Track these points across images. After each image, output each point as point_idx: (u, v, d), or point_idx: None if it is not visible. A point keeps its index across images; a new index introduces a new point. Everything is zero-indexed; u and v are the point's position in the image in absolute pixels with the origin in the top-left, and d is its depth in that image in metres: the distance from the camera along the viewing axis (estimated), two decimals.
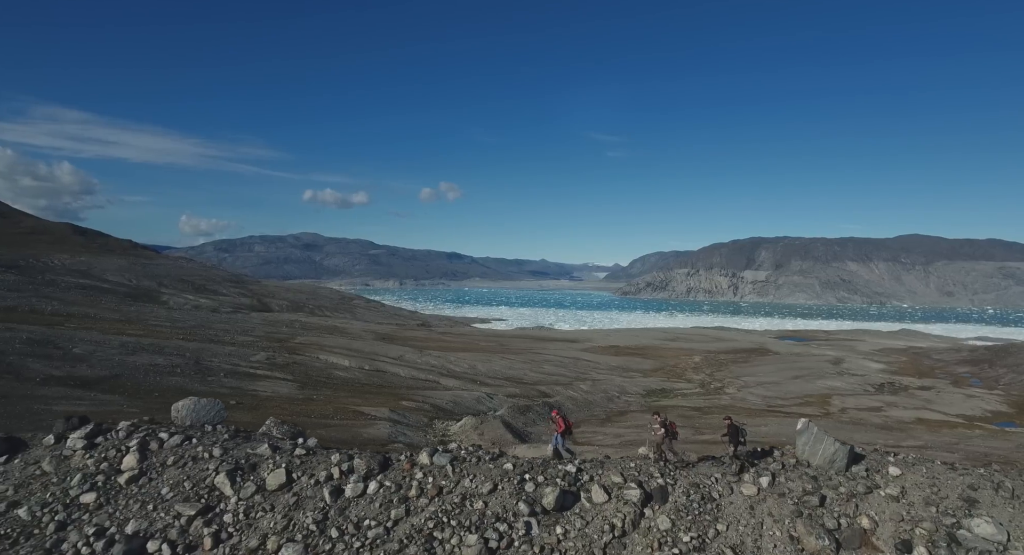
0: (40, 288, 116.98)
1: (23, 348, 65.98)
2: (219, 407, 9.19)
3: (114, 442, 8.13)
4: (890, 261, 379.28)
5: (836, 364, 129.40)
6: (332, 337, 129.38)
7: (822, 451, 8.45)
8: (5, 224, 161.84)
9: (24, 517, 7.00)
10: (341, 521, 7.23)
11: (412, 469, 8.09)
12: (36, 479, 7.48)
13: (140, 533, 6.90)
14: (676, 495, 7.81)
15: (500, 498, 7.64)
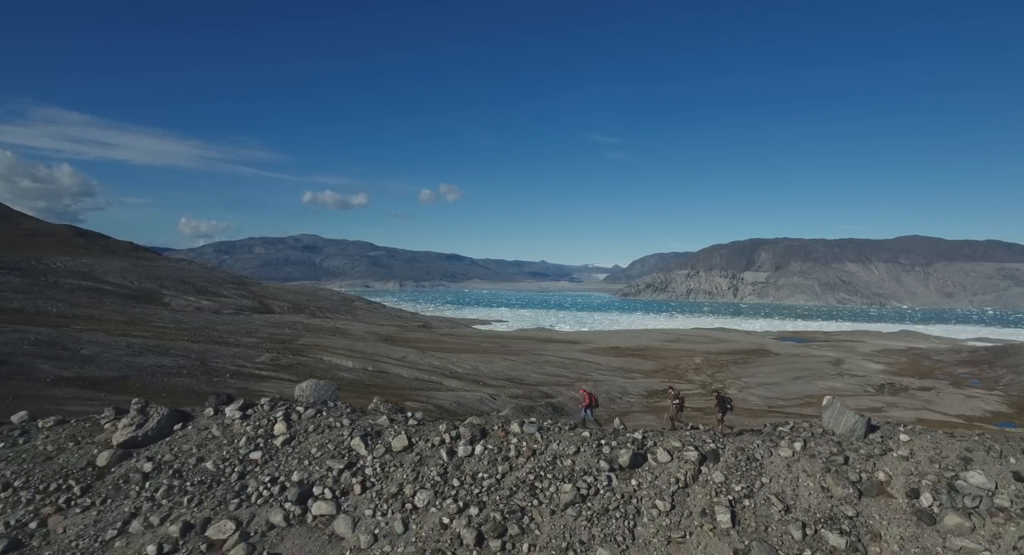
0: (44, 290, 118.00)
1: (32, 349, 67.42)
2: (333, 388, 10.91)
3: (262, 413, 9.85)
4: (890, 262, 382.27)
5: (836, 365, 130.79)
6: (335, 338, 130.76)
7: (844, 422, 10.28)
8: (6, 226, 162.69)
9: (211, 469, 8.71)
10: (459, 474, 8.96)
11: (507, 436, 9.85)
12: (211, 441, 9.19)
13: (303, 481, 8.62)
14: (726, 456, 9.59)
15: (583, 457, 9.40)
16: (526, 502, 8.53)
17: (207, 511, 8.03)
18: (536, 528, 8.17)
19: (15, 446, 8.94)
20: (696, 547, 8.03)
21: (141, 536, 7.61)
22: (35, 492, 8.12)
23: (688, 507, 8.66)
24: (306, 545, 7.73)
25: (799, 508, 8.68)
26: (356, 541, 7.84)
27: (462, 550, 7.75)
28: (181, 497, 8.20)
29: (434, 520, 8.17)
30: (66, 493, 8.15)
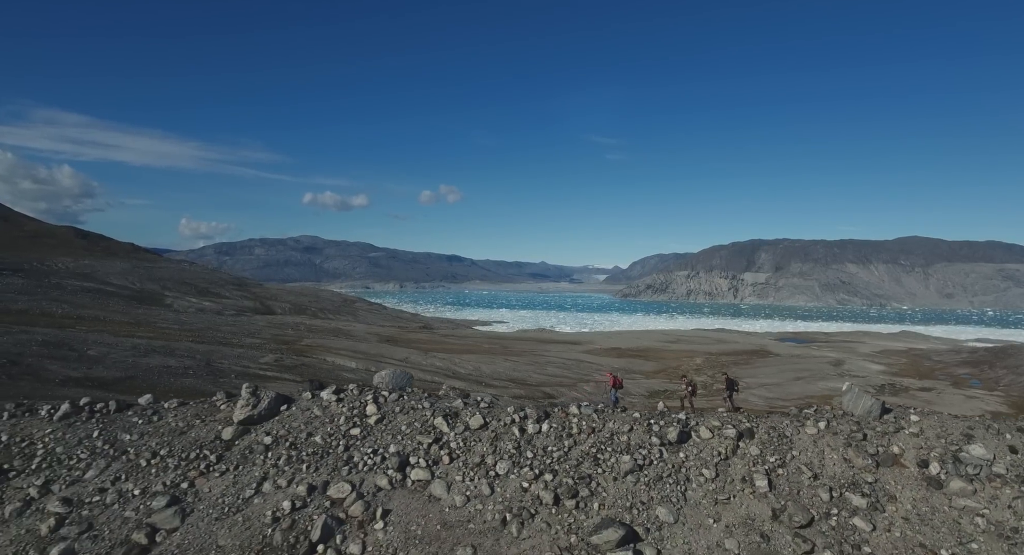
0: (48, 291, 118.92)
1: (40, 350, 68.72)
2: (408, 376, 12.37)
3: (353, 397, 11.29)
4: (890, 263, 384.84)
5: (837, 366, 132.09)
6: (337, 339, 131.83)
7: (862, 404, 11.78)
8: (8, 228, 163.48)
9: (320, 442, 10.15)
10: (531, 447, 10.42)
11: (567, 416, 11.32)
12: (315, 420, 10.63)
13: (399, 452, 10.06)
14: (760, 433, 11.07)
15: (637, 434, 10.87)
16: (592, 470, 10.03)
17: (324, 475, 9.50)
18: (603, 491, 9.66)
19: (151, 423, 10.40)
20: (740, 507, 9.52)
21: (274, 495, 9.08)
22: (179, 459, 9.58)
23: (730, 475, 10.16)
24: (410, 504, 9.20)
25: (825, 475, 10.19)
26: (452, 501, 9.32)
27: (543, 508, 9.24)
28: (299, 465, 9.68)
29: (515, 484, 9.66)
30: (204, 460, 9.61)
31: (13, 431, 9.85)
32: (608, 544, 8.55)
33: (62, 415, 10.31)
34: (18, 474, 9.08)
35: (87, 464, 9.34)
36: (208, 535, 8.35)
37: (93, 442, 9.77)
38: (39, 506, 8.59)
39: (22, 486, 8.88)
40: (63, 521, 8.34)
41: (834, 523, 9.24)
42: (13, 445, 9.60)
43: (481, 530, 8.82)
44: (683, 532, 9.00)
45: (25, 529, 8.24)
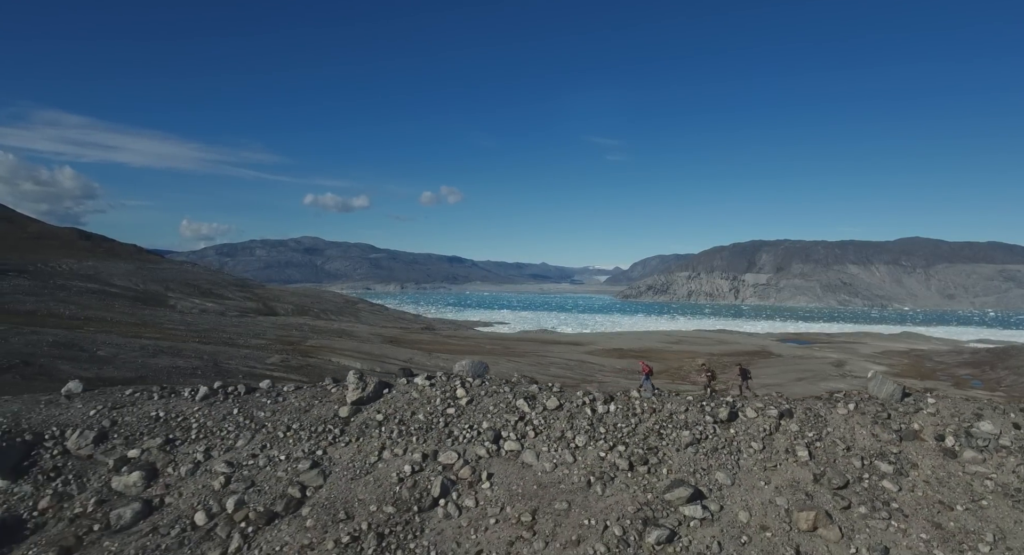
0: (55, 292, 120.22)
1: (51, 350, 70.31)
2: (484, 365, 14.13)
3: (443, 382, 13.04)
4: (891, 264, 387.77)
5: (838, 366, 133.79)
6: (341, 340, 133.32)
7: (885, 389, 13.57)
8: (12, 229, 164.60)
9: (423, 419, 11.89)
10: (603, 424, 12.17)
11: (629, 399, 13.09)
12: (414, 401, 12.36)
13: (492, 427, 11.80)
14: (798, 413, 12.83)
15: (692, 413, 12.63)
16: (657, 443, 11.81)
17: (432, 446, 11.27)
18: (669, 459, 11.45)
19: (277, 402, 12.15)
20: (785, 472, 11.32)
21: (394, 461, 10.85)
22: (310, 432, 11.34)
23: (775, 447, 11.95)
24: (508, 469, 10.97)
25: (856, 447, 11.99)
26: (542, 467, 11.09)
27: (620, 473, 11.02)
28: (409, 437, 11.44)
29: (594, 454, 11.44)
30: (330, 433, 11.38)
31: (167, 409, 11.59)
32: (680, 500, 10.33)
33: (202, 396, 12.04)
34: (183, 443, 10.83)
35: (236, 435, 11.09)
36: (348, 491, 10.11)
37: (235, 418, 11.52)
38: (207, 467, 10.34)
39: (189, 452, 10.62)
40: (230, 479, 10.09)
41: (866, 485, 11.03)
42: (170, 420, 11.33)
43: (570, 489, 10.60)
44: (740, 492, 10.79)
45: (201, 485, 9.99)
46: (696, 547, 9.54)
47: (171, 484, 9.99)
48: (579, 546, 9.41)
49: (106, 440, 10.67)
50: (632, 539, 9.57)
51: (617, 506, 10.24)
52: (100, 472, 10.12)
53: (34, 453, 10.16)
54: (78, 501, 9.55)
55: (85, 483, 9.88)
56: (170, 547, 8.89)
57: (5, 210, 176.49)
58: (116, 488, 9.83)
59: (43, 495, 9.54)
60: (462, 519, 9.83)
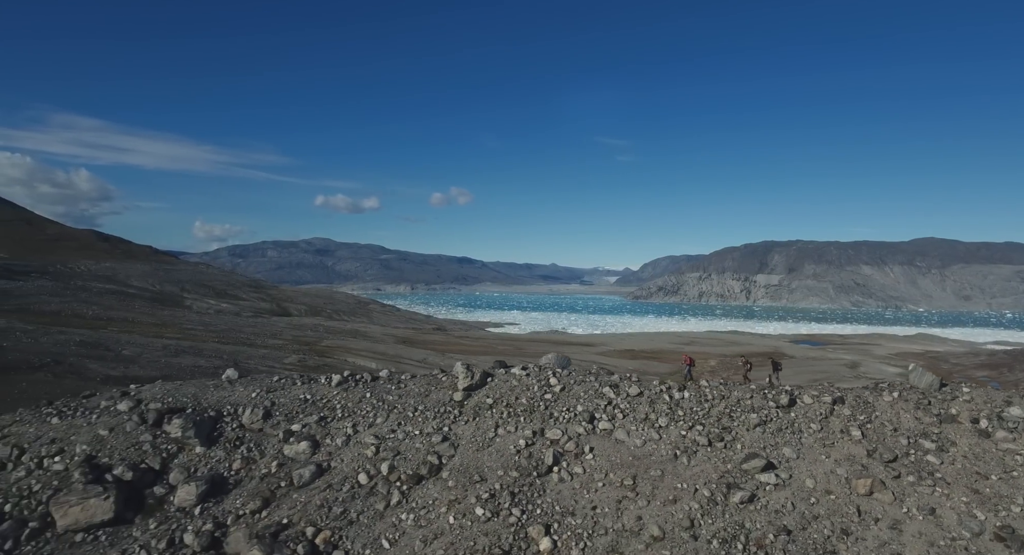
0: (76, 293, 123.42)
1: (79, 350, 73.15)
2: (567, 359, 16.20)
3: (537, 372, 15.09)
4: (905, 265, 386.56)
5: (853, 368, 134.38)
6: (355, 340, 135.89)
7: (925, 380, 15.50)
8: (32, 231, 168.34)
9: (525, 403, 13.95)
10: (680, 408, 14.17)
11: (700, 388, 15.09)
12: (516, 388, 14.43)
13: (586, 410, 13.84)
14: (849, 400, 14.78)
15: (756, 399, 14.61)
16: (729, 424, 13.84)
17: (538, 424, 13.35)
18: (741, 437, 13.47)
19: (400, 388, 14.28)
20: (842, 448, 13.30)
21: (508, 436, 12.94)
22: (434, 413, 13.46)
23: (831, 427, 13.94)
24: (605, 444, 13.03)
25: (902, 429, 13.94)
26: (633, 442, 13.14)
27: (701, 448, 13.05)
28: (517, 418, 13.53)
29: (676, 432, 13.47)
30: (450, 414, 13.49)
31: (312, 393, 13.74)
32: (755, 469, 12.35)
33: (337, 382, 14.18)
34: (333, 420, 12.97)
35: (374, 414, 13.21)
36: (477, 459, 12.21)
37: (369, 400, 13.64)
38: (358, 439, 12.47)
39: (340, 427, 12.76)
40: (379, 449, 12.21)
41: (913, 459, 13.00)
42: (317, 401, 13.48)
43: (660, 460, 12.64)
44: (804, 464, 12.79)
45: (356, 453, 12.12)
46: (773, 506, 11.56)
47: (332, 452, 12.14)
48: (676, 504, 11.46)
49: (271, 417, 12.83)
50: (719, 499, 11.61)
51: (703, 473, 12.28)
52: (272, 442, 12.28)
53: (219, 426, 12.33)
54: (262, 464, 11.71)
55: (264, 450, 12.04)
56: (345, 499, 11.02)
57: (25, 212, 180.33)
58: (288, 454, 11.98)
59: (234, 459, 11.70)
60: (575, 482, 11.91)
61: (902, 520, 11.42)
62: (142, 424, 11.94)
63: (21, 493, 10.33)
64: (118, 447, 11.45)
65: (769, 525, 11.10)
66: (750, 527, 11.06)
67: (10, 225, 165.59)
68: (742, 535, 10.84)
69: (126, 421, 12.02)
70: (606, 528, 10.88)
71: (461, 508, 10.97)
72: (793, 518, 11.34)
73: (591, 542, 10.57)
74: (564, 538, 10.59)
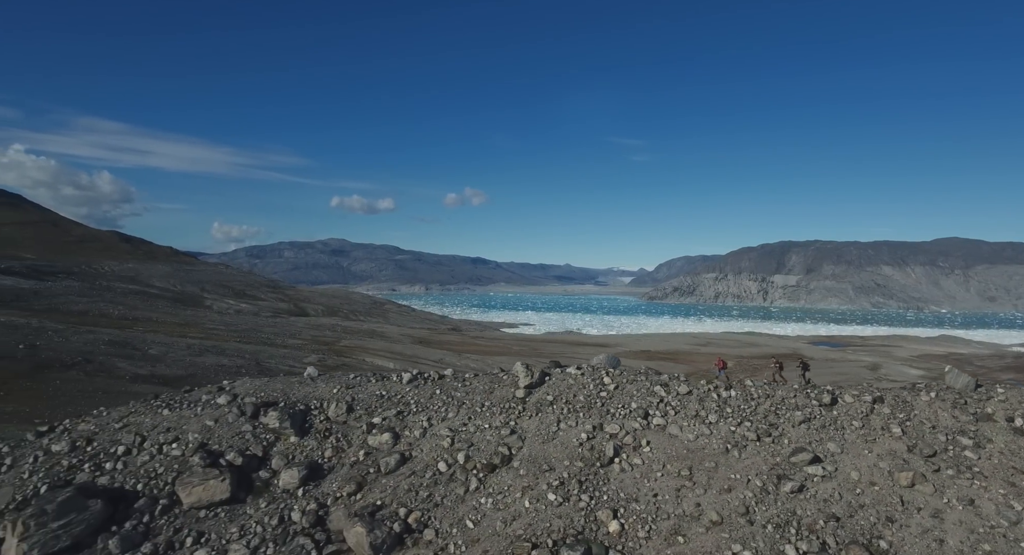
0: (102, 293, 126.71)
1: (107, 349, 75.46)
2: (617, 359, 17.30)
3: (590, 371, 16.23)
4: (927, 265, 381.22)
5: (873, 370, 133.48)
6: (373, 340, 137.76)
7: (961, 380, 16.36)
8: (58, 233, 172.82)
9: (583, 400, 15.07)
10: (728, 406, 15.20)
11: (745, 387, 16.10)
12: (572, 386, 15.55)
13: (640, 407, 14.94)
14: (888, 399, 15.68)
15: (800, 398, 15.58)
16: (775, 420, 14.84)
17: (596, 420, 14.47)
18: (787, 433, 14.47)
19: (466, 386, 15.51)
20: (884, 444, 14.23)
21: (570, 430, 14.07)
22: (499, 408, 14.65)
23: (872, 425, 14.87)
24: (660, 438, 14.11)
25: (940, 426, 14.84)
26: (686, 437, 14.20)
27: (750, 442, 14.08)
28: (576, 413, 14.67)
29: (725, 428, 14.50)
30: (514, 409, 14.67)
31: (386, 389, 15.01)
32: (803, 462, 13.35)
33: (408, 380, 15.44)
34: (409, 414, 14.22)
35: (445, 409, 14.44)
36: (543, 451, 13.37)
37: (439, 397, 14.87)
38: (433, 431, 13.70)
39: (416, 420, 14.01)
40: (454, 440, 13.43)
41: (951, 454, 13.91)
42: (391, 397, 14.75)
43: (713, 453, 13.70)
44: (848, 458, 13.76)
45: (433, 444, 13.34)
46: (821, 495, 12.57)
47: (412, 443, 13.38)
48: (731, 493, 12.51)
49: (353, 411, 14.10)
50: (771, 489, 12.65)
51: (753, 466, 13.31)
52: (356, 433, 13.55)
53: (308, 418, 13.63)
54: (350, 452, 12.98)
55: (350, 440, 13.31)
56: (428, 485, 12.24)
57: (51, 214, 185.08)
58: (372, 444, 13.23)
59: (325, 447, 12.98)
60: (635, 472, 13.01)
61: (943, 509, 12.36)
62: (241, 416, 13.26)
63: (148, 474, 11.68)
64: (224, 436, 12.78)
65: (819, 512, 12.12)
66: (801, 514, 12.08)
67: (37, 227, 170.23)
68: (794, 521, 11.88)
69: (227, 413, 13.36)
70: (668, 513, 11.97)
71: (534, 493, 12.13)
72: (841, 506, 12.35)
73: (655, 525, 11.68)
74: (630, 521, 11.70)
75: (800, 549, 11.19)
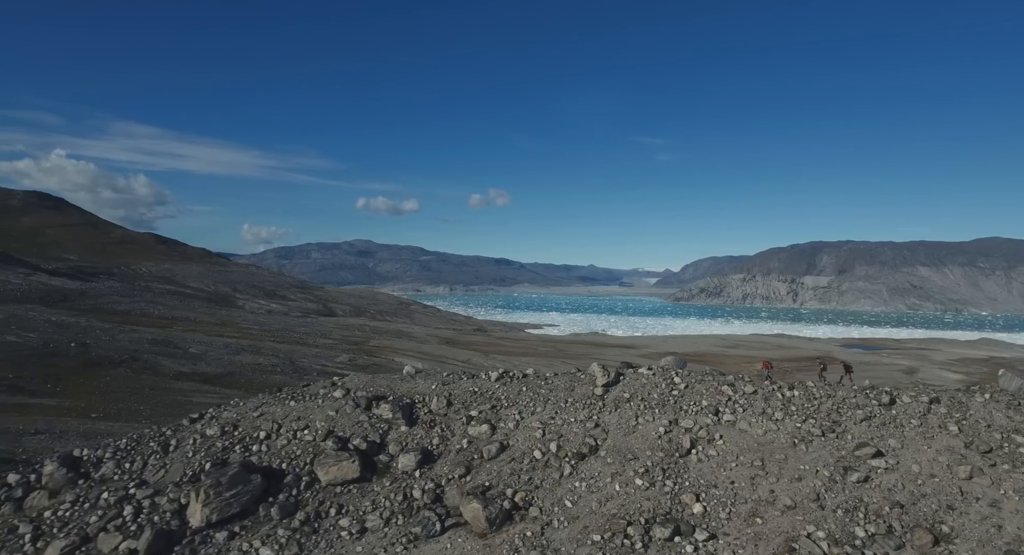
0: (142, 293, 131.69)
1: (151, 348, 78.84)
2: (683, 361, 18.78)
3: (660, 371, 17.77)
4: (967, 266, 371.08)
5: (910, 374, 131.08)
6: (400, 341, 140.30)
7: (1014, 383, 17.43)
8: (98, 235, 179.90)
9: (656, 398, 16.59)
10: (792, 404, 16.54)
11: (807, 388, 17.46)
12: (646, 385, 17.10)
13: (710, 404, 16.40)
14: (944, 400, 16.84)
15: (860, 398, 16.84)
16: (838, 418, 16.16)
17: (670, 416, 15.99)
18: (850, 430, 15.78)
19: (548, 384, 17.19)
20: (941, 440, 15.44)
21: (648, 424, 15.62)
22: (582, 404, 16.29)
23: (930, 423, 16.07)
24: (730, 432, 15.56)
25: (995, 425, 15.96)
26: (755, 432, 15.62)
27: (816, 437, 15.43)
28: (652, 410, 16.20)
29: (791, 425, 15.88)
30: (595, 405, 16.29)
31: (477, 386, 16.78)
32: (867, 455, 14.68)
33: (496, 378, 17.20)
34: (501, 408, 15.97)
35: (533, 404, 16.14)
36: (626, 442, 14.96)
37: (526, 393, 16.59)
38: (526, 424, 15.41)
39: (509, 414, 15.74)
40: (545, 431, 15.11)
41: (1007, 450, 15.05)
42: (483, 393, 16.52)
43: (782, 447, 15.11)
44: (909, 452, 15.03)
45: (527, 435, 15.05)
46: (886, 485, 13.90)
47: (507, 433, 15.10)
48: (801, 481, 13.93)
49: (452, 404, 15.90)
50: (838, 478, 14.02)
51: (820, 458, 14.69)
52: (457, 424, 15.34)
53: (415, 410, 15.45)
54: (454, 441, 14.76)
55: (453, 430, 15.10)
56: (527, 470, 13.94)
57: (91, 216, 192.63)
58: (472, 435, 14.98)
59: (432, 436, 14.79)
60: (711, 462, 14.51)
61: (1000, 500, 13.57)
62: (357, 408, 15.14)
63: (289, 456, 13.61)
64: (345, 424, 14.68)
65: (884, 500, 13.46)
66: (867, 501, 13.44)
67: (79, 229, 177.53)
68: (862, 507, 13.24)
69: (344, 405, 15.26)
70: (745, 498, 13.45)
71: (623, 479, 13.72)
72: (904, 495, 13.66)
73: (734, 508, 13.17)
74: (712, 504, 13.21)
75: (868, 531, 12.57)
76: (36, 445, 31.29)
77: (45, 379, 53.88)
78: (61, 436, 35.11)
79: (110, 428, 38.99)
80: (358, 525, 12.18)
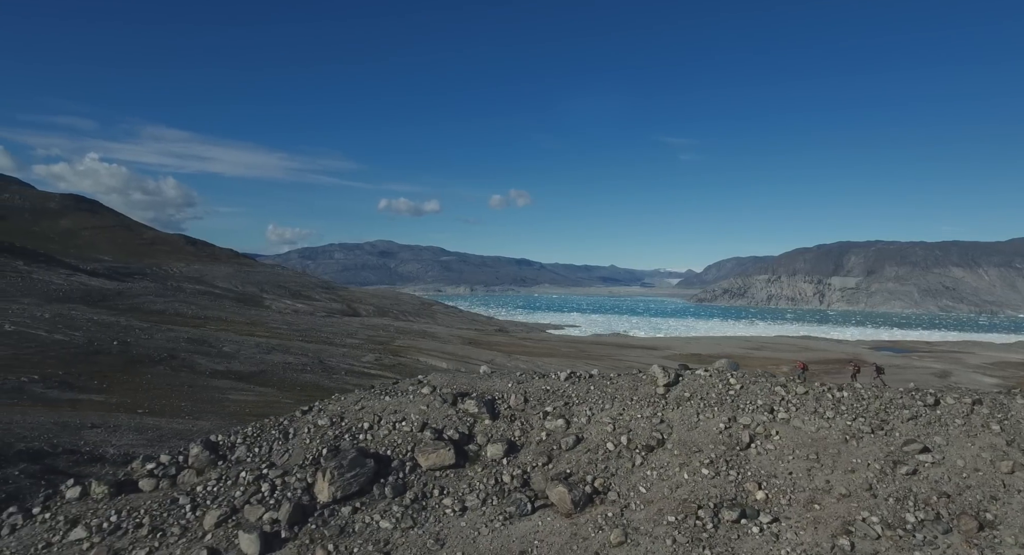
0: (175, 293, 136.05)
1: (187, 346, 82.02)
2: (736, 363, 20.32)
3: (716, 373, 19.33)
4: (1003, 266, 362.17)
5: (943, 377, 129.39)
6: (424, 341, 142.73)
7: None
8: (131, 236, 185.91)
9: (714, 397, 18.20)
10: (842, 404, 17.99)
11: (855, 389, 18.88)
12: (703, 386, 18.70)
13: (764, 404, 17.95)
14: (987, 401, 18.12)
15: (905, 399, 18.23)
16: (885, 417, 17.56)
17: (729, 413, 17.56)
18: (897, 427, 17.18)
19: (614, 384, 18.90)
20: (984, 438, 16.75)
21: (709, 421, 17.21)
22: (646, 403, 17.95)
23: (973, 423, 17.38)
24: (784, 429, 17.07)
25: None
26: (808, 428, 17.12)
27: (865, 435, 16.87)
28: (711, 408, 17.79)
29: (841, 423, 17.33)
30: (658, 404, 17.93)
31: (549, 384, 18.57)
32: (914, 450, 16.09)
33: (565, 377, 18.98)
34: (573, 404, 17.73)
35: (602, 402, 17.86)
36: (689, 436, 16.58)
37: (594, 392, 18.32)
38: (596, 419, 17.13)
39: (580, 410, 17.49)
40: (615, 426, 16.82)
41: None
42: (555, 391, 18.29)
43: (834, 442, 16.59)
44: (953, 449, 16.39)
45: (598, 429, 16.79)
46: (932, 478, 15.31)
47: (581, 427, 16.84)
48: (854, 473, 15.41)
49: (528, 401, 17.71)
50: (888, 471, 15.47)
51: (871, 453, 16.15)
52: (535, 419, 17.13)
53: (496, 406, 17.29)
54: (534, 434, 16.55)
55: (531, 424, 16.89)
56: (602, 459, 15.66)
57: (124, 218, 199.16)
58: (549, 428, 16.76)
59: (514, 429, 16.60)
60: (770, 455, 16.07)
61: None
62: (444, 403, 17.03)
63: (391, 444, 15.54)
64: (436, 417, 16.57)
65: (932, 490, 14.88)
66: (916, 491, 14.88)
67: (112, 231, 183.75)
68: (911, 496, 14.69)
69: (433, 400, 17.16)
70: (803, 487, 14.99)
71: (690, 469, 15.37)
72: (950, 487, 15.06)
73: (794, 495, 14.72)
74: (773, 492, 14.79)
75: (918, 517, 14.03)
76: (95, 438, 33.77)
77: (92, 376, 57.19)
78: (116, 430, 37.59)
79: (157, 423, 41.53)
80: (459, 504, 14.03)
